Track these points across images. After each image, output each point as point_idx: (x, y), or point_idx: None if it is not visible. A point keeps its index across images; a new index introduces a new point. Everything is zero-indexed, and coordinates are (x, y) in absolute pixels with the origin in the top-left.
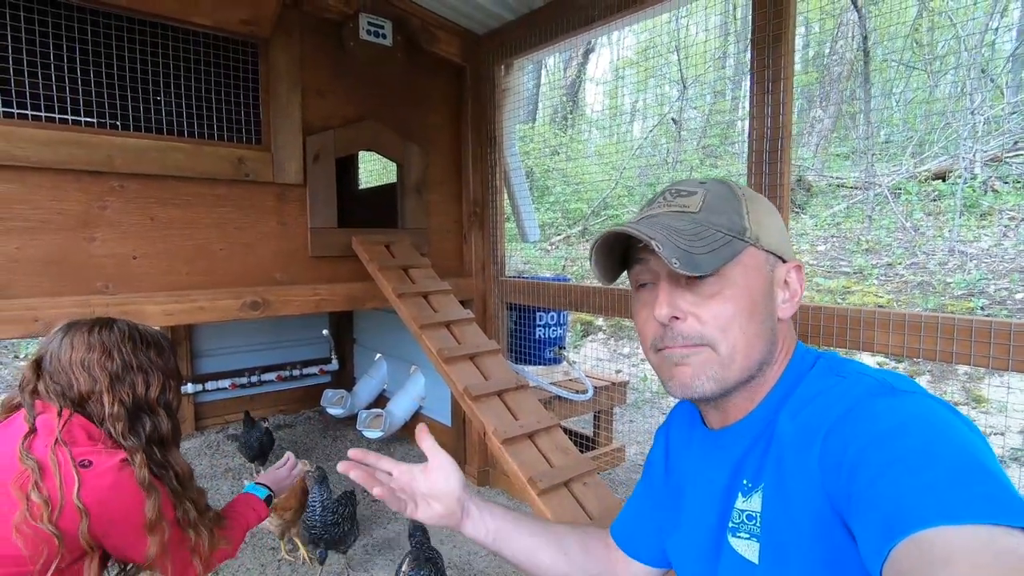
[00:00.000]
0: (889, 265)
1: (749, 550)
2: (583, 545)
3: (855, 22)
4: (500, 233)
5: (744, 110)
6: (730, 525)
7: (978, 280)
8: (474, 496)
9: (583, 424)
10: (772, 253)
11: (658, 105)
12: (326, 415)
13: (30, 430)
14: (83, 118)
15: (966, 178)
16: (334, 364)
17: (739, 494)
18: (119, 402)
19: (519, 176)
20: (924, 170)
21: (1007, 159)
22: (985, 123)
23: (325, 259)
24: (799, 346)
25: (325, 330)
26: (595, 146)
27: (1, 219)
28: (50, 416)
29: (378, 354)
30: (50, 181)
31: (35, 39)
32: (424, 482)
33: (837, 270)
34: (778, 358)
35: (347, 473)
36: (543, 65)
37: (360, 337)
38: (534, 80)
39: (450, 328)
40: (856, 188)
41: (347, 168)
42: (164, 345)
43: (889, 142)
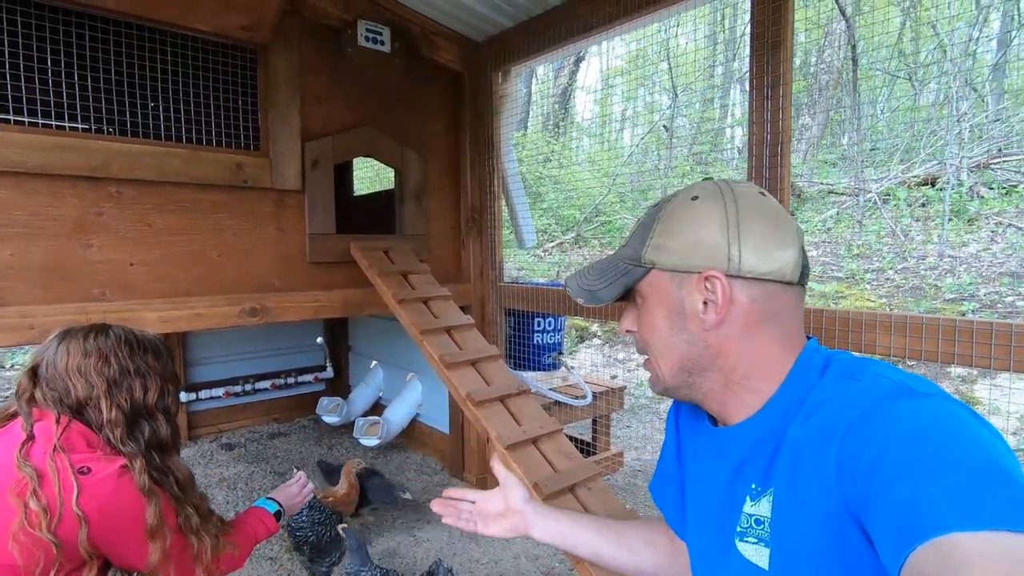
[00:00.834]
0: (880, 270)
1: (758, 555)
2: (647, 540)
3: (843, 31)
4: (498, 239)
5: (733, 118)
6: (738, 530)
7: (968, 284)
8: (537, 504)
9: (581, 430)
10: (676, 271)
11: (648, 113)
12: (321, 423)
13: (28, 437)
14: (80, 124)
15: (953, 184)
16: (329, 372)
17: (747, 498)
18: (117, 407)
19: (516, 182)
20: (912, 176)
21: (992, 165)
22: (970, 130)
23: (323, 265)
24: (807, 347)
25: (320, 338)
26: (586, 153)
27: None
28: (48, 423)
29: (374, 361)
30: (46, 187)
31: (32, 44)
32: (500, 502)
33: (829, 275)
34: (771, 365)
35: (438, 511)
36: (534, 73)
37: (355, 345)
38: (526, 88)
39: (451, 334)
40: (846, 194)
41: (344, 175)
42: (161, 349)
43: (875, 149)
